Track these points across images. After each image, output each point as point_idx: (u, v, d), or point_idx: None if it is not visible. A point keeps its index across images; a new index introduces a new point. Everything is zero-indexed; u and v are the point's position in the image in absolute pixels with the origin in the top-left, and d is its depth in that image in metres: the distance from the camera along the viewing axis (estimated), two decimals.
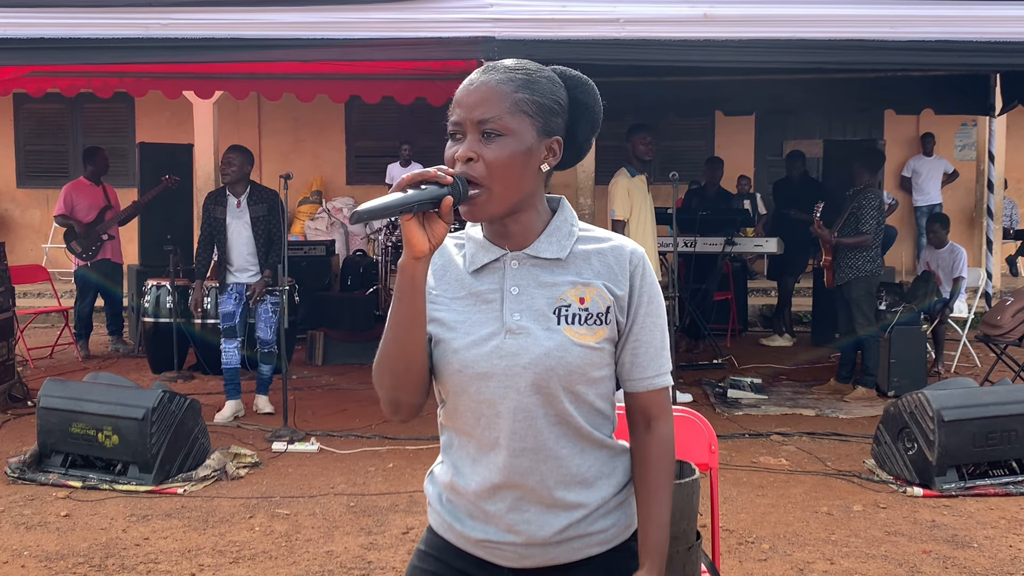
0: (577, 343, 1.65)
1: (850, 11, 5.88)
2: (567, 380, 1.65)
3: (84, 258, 8.71)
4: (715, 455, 3.00)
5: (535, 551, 1.69)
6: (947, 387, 5.58)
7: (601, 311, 1.67)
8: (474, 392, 1.67)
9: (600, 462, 1.71)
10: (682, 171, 7.64)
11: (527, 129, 1.63)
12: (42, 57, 6.12)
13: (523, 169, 1.63)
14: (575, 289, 1.68)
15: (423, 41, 5.80)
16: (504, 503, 1.68)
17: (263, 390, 6.89)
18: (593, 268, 1.69)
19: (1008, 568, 4.20)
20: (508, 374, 1.65)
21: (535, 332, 1.65)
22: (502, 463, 1.67)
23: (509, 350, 1.65)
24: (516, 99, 1.62)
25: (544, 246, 1.69)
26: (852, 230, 7.16)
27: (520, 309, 1.66)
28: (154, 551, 4.36)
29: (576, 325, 1.66)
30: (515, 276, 1.69)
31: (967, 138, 13.11)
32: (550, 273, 1.69)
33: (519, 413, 1.65)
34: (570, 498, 1.68)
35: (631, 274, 1.70)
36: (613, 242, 1.72)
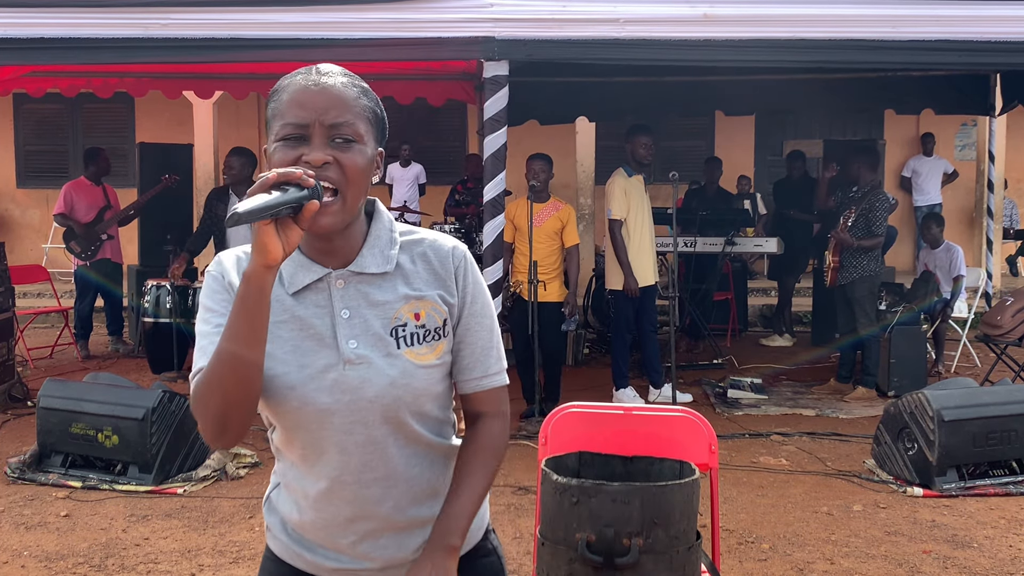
0: (420, 365, 1.59)
1: (850, 11, 5.88)
2: (414, 405, 1.59)
3: (83, 258, 8.71)
4: (715, 455, 3.01)
5: (393, 572, 1.65)
6: (947, 387, 5.58)
7: (438, 325, 1.61)
8: (315, 429, 1.57)
9: (447, 468, 1.67)
10: (682, 171, 7.63)
11: (370, 138, 1.57)
12: (42, 57, 6.13)
13: (368, 178, 1.56)
14: (408, 304, 1.60)
15: (423, 41, 5.80)
16: (356, 535, 1.62)
17: None
18: (421, 276, 1.62)
19: (1008, 568, 4.20)
20: (353, 409, 1.56)
21: (375, 361, 1.56)
22: (351, 496, 1.60)
23: (351, 383, 1.55)
24: (362, 106, 1.56)
25: (368, 260, 1.60)
26: (863, 231, 7.16)
27: (355, 335, 1.57)
28: (154, 551, 4.36)
29: (416, 346, 1.59)
30: (343, 297, 1.58)
31: (967, 138, 13.11)
32: (379, 289, 1.60)
33: (368, 446, 1.58)
34: (424, 513, 1.64)
35: (455, 275, 1.64)
36: (429, 240, 1.65)
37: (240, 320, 1.45)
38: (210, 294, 1.61)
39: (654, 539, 2.75)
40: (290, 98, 1.54)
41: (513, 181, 7.10)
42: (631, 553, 2.71)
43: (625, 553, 2.72)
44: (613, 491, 2.75)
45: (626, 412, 3.13)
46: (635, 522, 2.73)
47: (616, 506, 2.72)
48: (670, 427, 3.06)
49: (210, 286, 1.62)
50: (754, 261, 11.81)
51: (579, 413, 3.12)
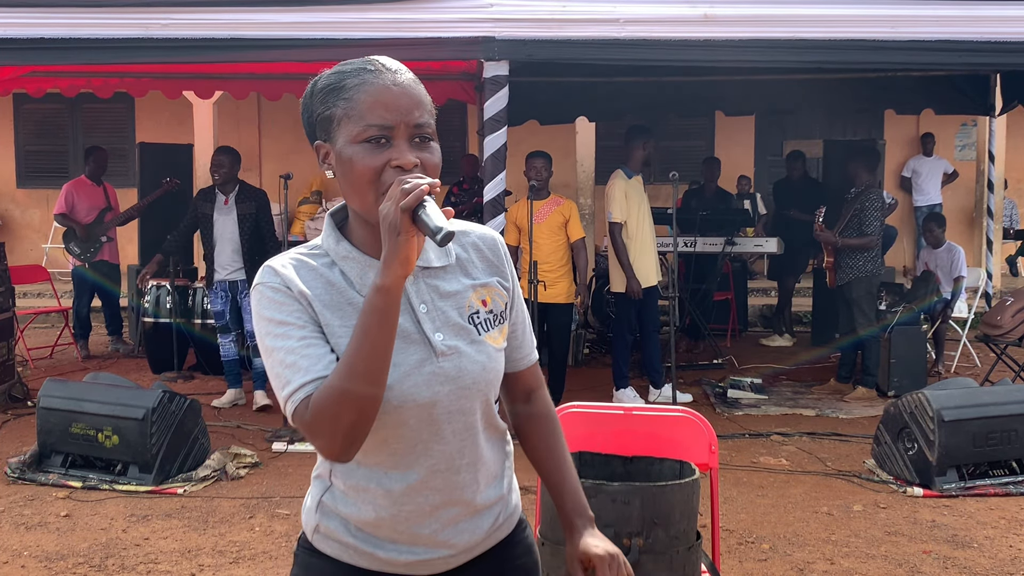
0: (497, 348, 1.64)
1: (850, 11, 5.88)
2: (494, 388, 1.66)
3: (82, 259, 8.70)
4: (715, 455, 3.01)
5: (464, 556, 1.68)
6: (947, 387, 5.58)
7: (502, 309, 1.67)
8: (415, 424, 1.57)
9: (502, 448, 1.72)
10: (682, 171, 7.63)
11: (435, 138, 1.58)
12: (42, 57, 6.13)
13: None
14: (476, 293, 1.64)
15: (423, 41, 5.80)
16: (439, 523, 1.62)
17: (260, 384, 6.93)
18: (477, 265, 1.67)
19: (1008, 568, 4.20)
20: (452, 398, 1.58)
21: (464, 349, 1.59)
22: (442, 484, 1.61)
23: (448, 374, 1.57)
24: (429, 102, 1.57)
25: (430, 254, 1.61)
26: (856, 231, 7.16)
27: (438, 327, 1.58)
28: (154, 551, 4.36)
29: (492, 330, 1.64)
30: (416, 292, 1.59)
31: (967, 138, 13.11)
32: (445, 281, 1.62)
33: (464, 433, 1.61)
34: (492, 495, 1.68)
35: (504, 261, 1.70)
36: (477, 232, 1.70)
37: (377, 333, 1.43)
38: (278, 308, 1.54)
39: (654, 539, 2.75)
40: (372, 99, 1.51)
41: (513, 181, 7.10)
42: (631, 553, 2.71)
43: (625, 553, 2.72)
44: (613, 491, 2.75)
45: (626, 412, 3.13)
46: (635, 522, 2.73)
47: (616, 506, 2.73)
48: (670, 427, 3.06)
49: (275, 300, 1.54)
50: (754, 261, 11.81)
51: (579, 413, 3.12)
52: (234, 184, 6.80)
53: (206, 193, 6.88)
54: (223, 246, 6.76)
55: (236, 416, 6.77)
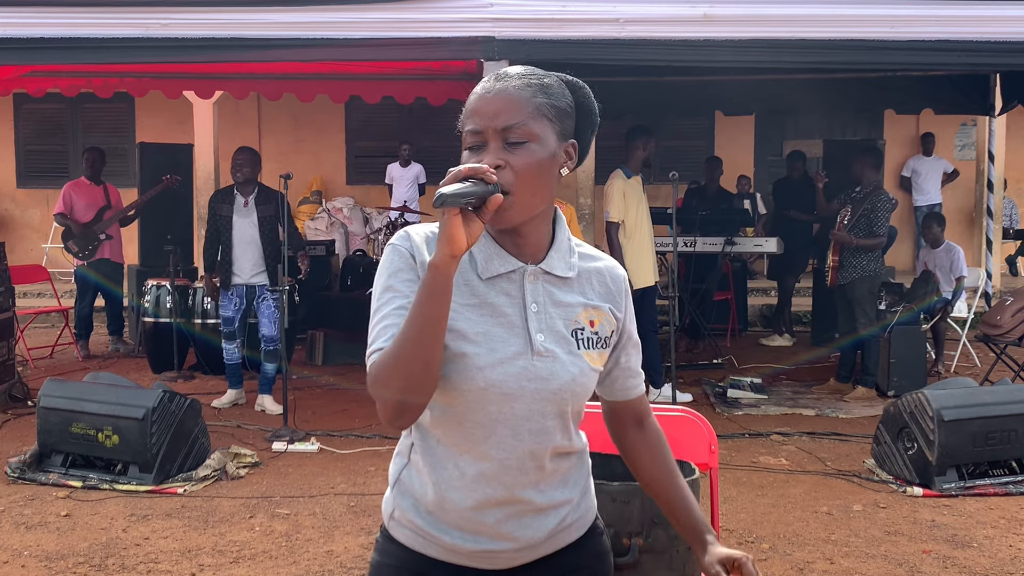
0: (592, 368, 1.69)
1: (850, 11, 5.88)
2: (579, 403, 1.70)
3: (81, 257, 8.71)
4: (715, 455, 3.01)
5: (527, 552, 1.71)
6: (947, 387, 5.58)
7: (607, 335, 1.72)
8: (494, 411, 1.62)
9: (578, 461, 1.77)
10: (682, 171, 7.64)
11: (549, 134, 1.61)
12: (42, 57, 6.13)
13: (548, 175, 1.61)
14: (586, 312, 1.70)
15: (423, 41, 5.80)
16: (503, 515, 1.66)
17: (267, 389, 6.90)
18: (595, 289, 1.73)
19: (1008, 568, 4.20)
20: (536, 397, 1.63)
21: (561, 356, 1.65)
22: (511, 480, 1.64)
23: (539, 373, 1.62)
24: (537, 104, 1.60)
25: (556, 262, 1.68)
26: (864, 231, 7.16)
27: (542, 329, 1.64)
28: (154, 551, 4.37)
29: (591, 350, 1.69)
30: (532, 291, 1.65)
31: (967, 138, 13.11)
32: (562, 291, 1.68)
33: (540, 435, 1.65)
34: (558, 497, 1.71)
35: (623, 296, 1.77)
36: (605, 262, 1.77)
37: (427, 307, 1.49)
38: (394, 272, 1.62)
39: (654, 539, 2.75)
40: (470, 107, 1.62)
41: None
42: (631, 553, 2.72)
43: (625, 553, 2.72)
44: (613, 491, 2.75)
45: None
46: (635, 522, 2.73)
47: (616, 506, 2.73)
48: (670, 427, 3.05)
49: (395, 263, 1.63)
50: (754, 261, 11.82)
51: None
52: (253, 185, 6.74)
53: (224, 194, 6.79)
54: (244, 249, 6.67)
55: (236, 416, 6.77)
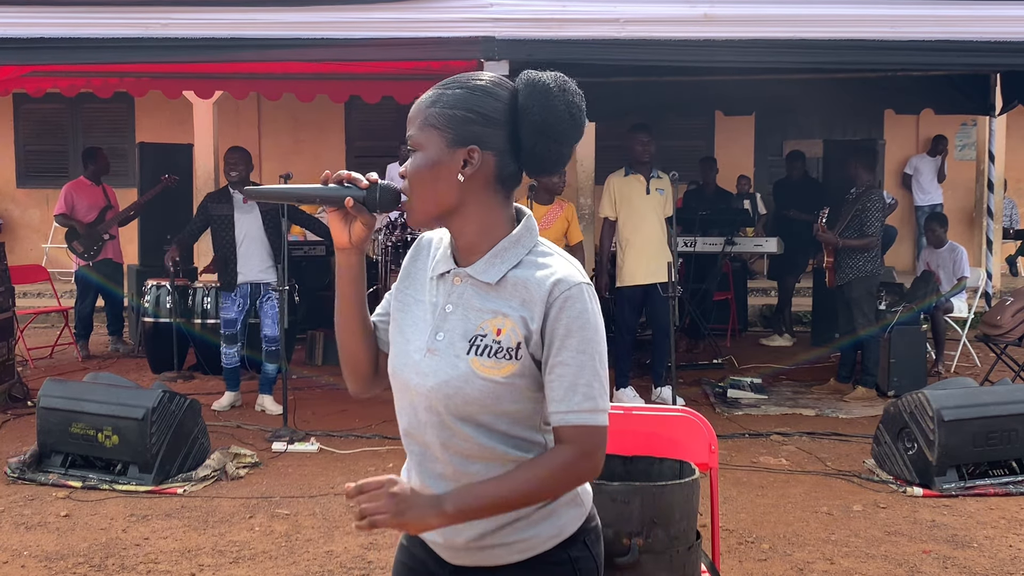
0: (480, 376, 1.65)
1: (850, 11, 5.88)
2: (464, 410, 1.66)
3: (86, 258, 8.71)
4: (715, 455, 3.01)
5: (460, 553, 1.75)
6: (947, 387, 5.58)
7: (512, 346, 1.65)
8: (399, 393, 1.76)
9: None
10: (682, 171, 7.62)
11: (434, 143, 1.67)
12: (42, 57, 6.12)
13: (434, 181, 1.67)
14: (495, 320, 1.66)
15: (423, 41, 5.80)
16: None
17: (267, 389, 6.90)
18: (519, 297, 1.66)
19: (1008, 568, 4.20)
20: (419, 393, 1.70)
21: (447, 357, 1.67)
22: (419, 472, 1.75)
23: (422, 369, 1.69)
24: (426, 115, 1.68)
25: (482, 268, 1.69)
26: (856, 231, 7.16)
27: (445, 329, 1.69)
28: (154, 551, 4.36)
29: (484, 357, 1.65)
30: (453, 293, 1.71)
31: (967, 138, 13.11)
32: (481, 298, 1.69)
33: (428, 427, 1.71)
34: None
35: (547, 307, 1.64)
36: (547, 270, 1.66)
37: (337, 293, 1.79)
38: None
39: (654, 539, 2.75)
40: None
41: None
42: (631, 553, 2.72)
43: (625, 553, 2.72)
44: (613, 491, 2.75)
45: (626, 412, 3.13)
46: (635, 522, 2.73)
47: (616, 506, 2.73)
48: (670, 427, 3.06)
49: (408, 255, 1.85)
50: (754, 261, 11.81)
51: None
52: (248, 184, 6.77)
53: (219, 195, 6.79)
54: (250, 246, 6.66)
55: (236, 416, 6.77)
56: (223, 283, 6.80)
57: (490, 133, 1.67)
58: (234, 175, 6.69)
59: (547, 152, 1.69)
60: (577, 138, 1.71)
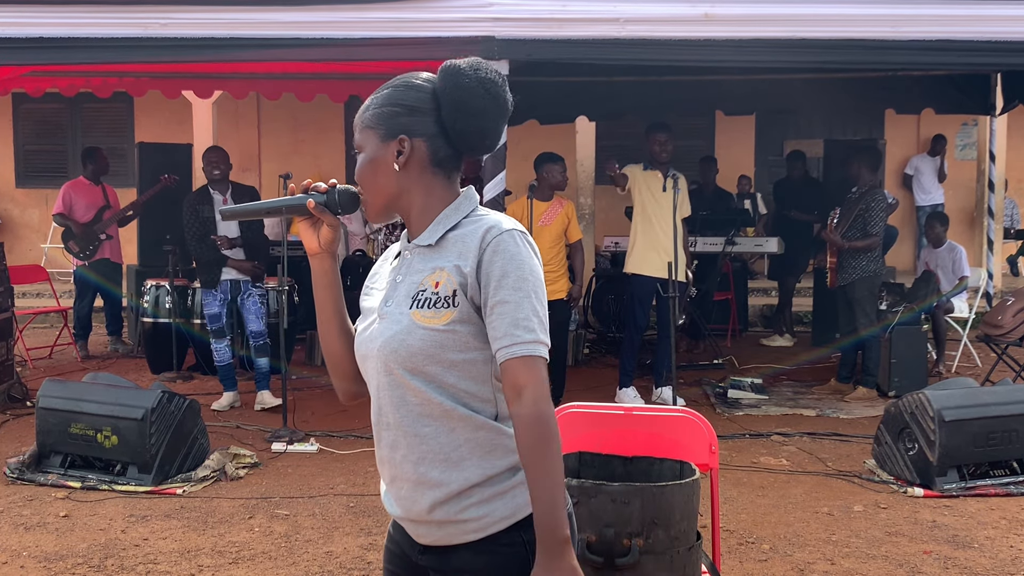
0: (421, 326, 1.74)
1: (850, 11, 5.88)
2: (411, 361, 1.75)
3: (81, 258, 8.70)
4: (715, 455, 3.00)
5: (421, 528, 1.81)
6: (948, 387, 5.57)
7: (448, 294, 1.75)
8: (363, 372, 1.88)
9: (471, 443, 1.76)
10: (683, 171, 7.61)
11: (370, 141, 1.83)
12: (42, 57, 6.12)
13: (375, 174, 1.82)
14: (434, 274, 1.78)
15: (423, 41, 5.79)
16: (387, 479, 1.85)
17: (264, 385, 6.91)
18: (455, 251, 1.77)
19: (1009, 568, 4.19)
20: (372, 356, 1.81)
21: (392, 316, 1.79)
22: (378, 439, 1.85)
23: (374, 334, 1.81)
24: (363, 119, 1.85)
25: (426, 236, 1.82)
26: (860, 232, 7.15)
27: (394, 296, 1.81)
28: (153, 551, 4.36)
29: (424, 308, 1.75)
30: (403, 266, 1.84)
31: (967, 138, 13.11)
32: (423, 260, 1.81)
33: (381, 391, 1.81)
34: (432, 476, 1.77)
35: (481, 252, 1.74)
36: (481, 223, 1.78)
37: (315, 295, 1.90)
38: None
39: (654, 539, 2.74)
40: None
41: (513, 181, 7.09)
42: (631, 553, 2.71)
43: (625, 553, 2.72)
44: (613, 491, 2.75)
45: (627, 412, 3.12)
46: (635, 522, 2.73)
47: (616, 506, 2.72)
48: (670, 427, 3.06)
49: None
50: (754, 261, 11.80)
51: (579, 413, 3.12)
52: (228, 183, 6.83)
53: (201, 196, 6.84)
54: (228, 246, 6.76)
55: (235, 416, 6.76)
56: (204, 282, 6.87)
57: (416, 121, 1.80)
58: (217, 173, 6.78)
59: (468, 127, 1.80)
60: (499, 113, 1.80)
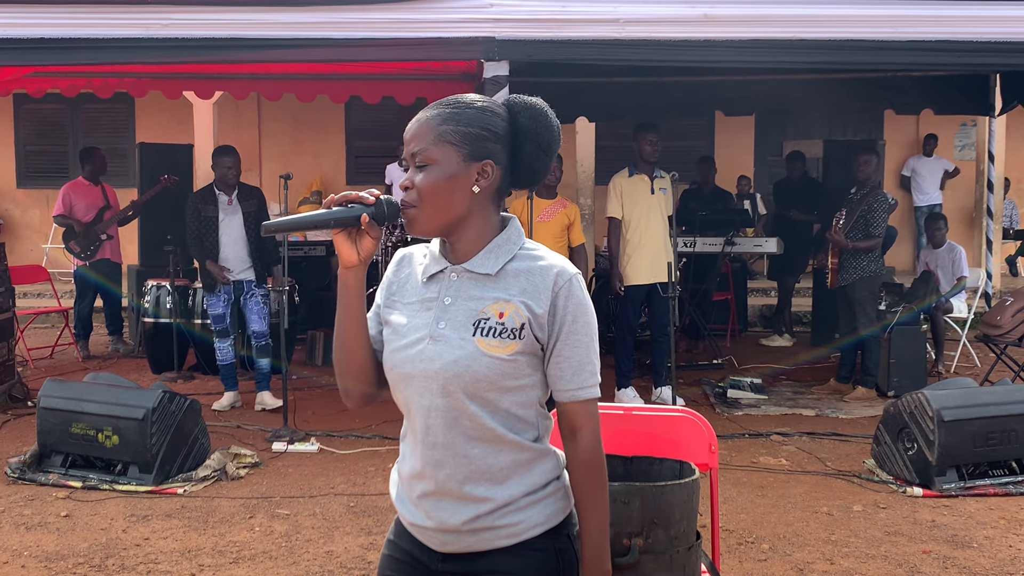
0: (486, 354, 1.78)
1: (850, 11, 5.88)
2: (473, 387, 1.78)
3: (83, 258, 8.71)
4: (715, 455, 3.01)
5: (451, 537, 1.83)
6: (947, 387, 5.58)
7: (516, 327, 1.79)
8: (402, 389, 1.86)
9: (515, 463, 1.83)
10: (682, 171, 7.62)
11: (451, 158, 1.80)
12: (42, 57, 6.12)
13: (450, 192, 1.81)
14: (497, 304, 1.81)
15: (423, 41, 5.80)
16: (421, 491, 1.85)
17: (265, 385, 6.92)
18: (519, 285, 1.82)
19: (1008, 568, 4.20)
20: (423, 376, 1.81)
21: (451, 340, 1.80)
22: (420, 455, 1.84)
23: (427, 355, 1.81)
24: (440, 131, 1.81)
25: (480, 262, 1.83)
26: (862, 232, 7.16)
27: (447, 318, 1.82)
28: (154, 551, 4.37)
29: (489, 338, 1.79)
30: (451, 287, 1.84)
31: (967, 138, 13.11)
32: (480, 288, 1.83)
33: (432, 412, 1.81)
34: (478, 492, 1.81)
35: (554, 295, 1.80)
36: (546, 262, 1.84)
37: (340, 310, 1.87)
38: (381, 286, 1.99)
39: (654, 539, 2.75)
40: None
41: None
42: (631, 553, 2.72)
43: (625, 553, 2.72)
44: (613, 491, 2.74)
45: (626, 412, 3.13)
46: (635, 522, 2.73)
47: (616, 506, 2.73)
48: (670, 427, 3.06)
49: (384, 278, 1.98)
50: (754, 261, 11.81)
51: None
52: (236, 183, 6.82)
53: (205, 195, 6.83)
54: (232, 247, 6.74)
55: (236, 416, 6.77)
56: (207, 283, 6.85)
57: (499, 149, 1.84)
58: (231, 178, 6.76)
59: (542, 166, 1.89)
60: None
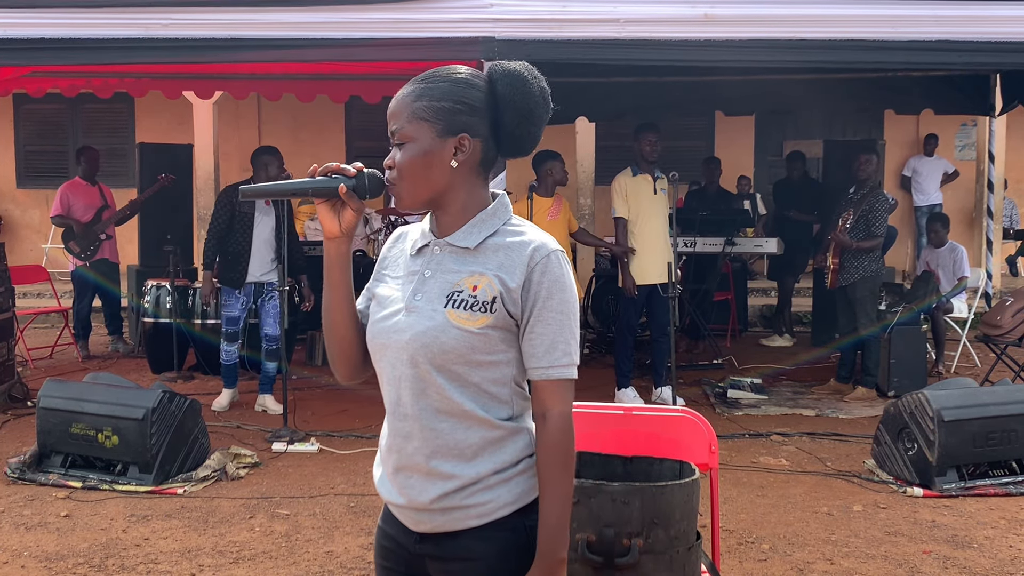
0: (455, 325, 1.77)
1: (850, 11, 5.88)
2: (441, 359, 1.78)
3: (82, 258, 8.70)
4: (715, 455, 3.01)
5: (423, 516, 1.83)
6: (947, 387, 5.58)
7: (487, 300, 1.78)
8: (377, 361, 1.87)
9: (485, 441, 1.81)
10: (682, 171, 7.62)
11: (424, 134, 1.80)
12: (42, 57, 6.11)
13: (427, 168, 1.80)
14: (472, 277, 1.80)
15: (423, 41, 5.80)
16: (393, 466, 1.85)
17: (268, 388, 6.90)
18: (497, 260, 1.80)
19: (1008, 568, 4.20)
20: (395, 347, 1.81)
21: (423, 311, 1.80)
22: (391, 427, 1.85)
23: (399, 326, 1.81)
24: (414, 108, 1.81)
25: (462, 236, 1.83)
26: (863, 232, 7.16)
27: (424, 290, 1.82)
28: (154, 551, 4.36)
29: (460, 310, 1.78)
30: (433, 261, 1.85)
31: (967, 138, 13.11)
32: (459, 261, 1.82)
33: (402, 382, 1.81)
34: (444, 468, 1.80)
35: (529, 270, 1.78)
36: (526, 237, 1.82)
37: (326, 280, 1.87)
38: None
39: (654, 539, 2.75)
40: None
41: (513, 181, 7.11)
42: (631, 553, 2.71)
43: (625, 553, 2.72)
44: (613, 491, 2.75)
45: (626, 412, 3.13)
46: (635, 522, 2.73)
47: (616, 506, 2.72)
48: (670, 427, 3.06)
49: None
50: (754, 261, 11.81)
51: (579, 413, 3.10)
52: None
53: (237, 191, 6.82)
54: (261, 247, 6.71)
55: (236, 416, 6.77)
56: (229, 280, 6.75)
57: (476, 121, 1.81)
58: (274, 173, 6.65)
59: (526, 135, 1.85)
60: (547, 119, 1.87)
